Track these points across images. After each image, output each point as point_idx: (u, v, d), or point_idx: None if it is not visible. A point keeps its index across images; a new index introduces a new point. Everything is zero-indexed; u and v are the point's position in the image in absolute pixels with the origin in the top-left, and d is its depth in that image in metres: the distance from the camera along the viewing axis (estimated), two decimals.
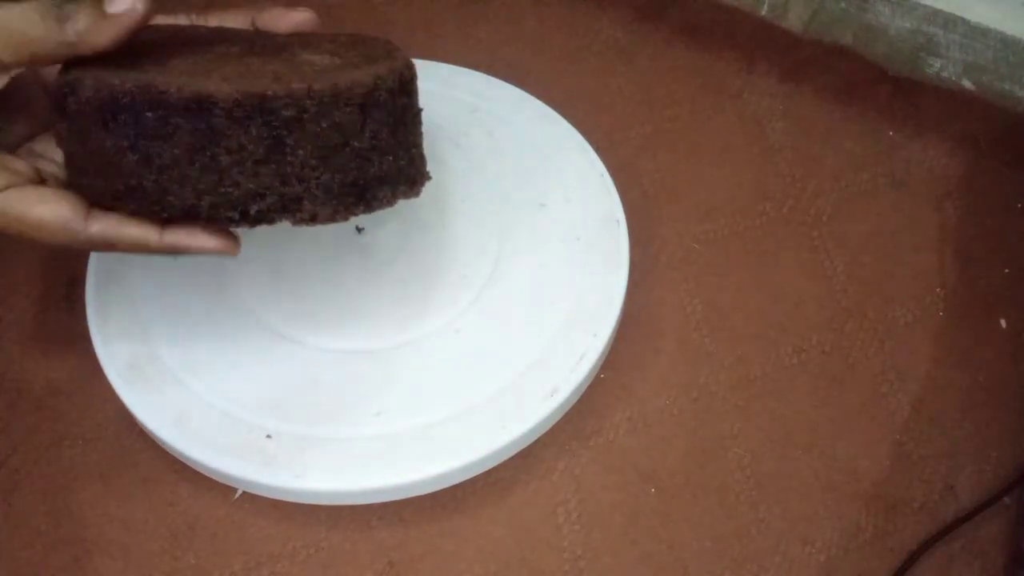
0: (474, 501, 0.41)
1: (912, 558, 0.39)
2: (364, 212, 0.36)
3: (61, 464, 0.42)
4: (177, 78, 0.33)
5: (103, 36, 0.32)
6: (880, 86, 0.55)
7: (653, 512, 0.41)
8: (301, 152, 0.33)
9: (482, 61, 0.54)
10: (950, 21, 0.53)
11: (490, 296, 0.45)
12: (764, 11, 0.58)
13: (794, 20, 0.57)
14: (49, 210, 0.33)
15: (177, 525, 0.40)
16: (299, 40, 0.39)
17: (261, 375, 0.42)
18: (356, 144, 0.34)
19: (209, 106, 0.32)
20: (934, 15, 0.53)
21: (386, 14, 0.61)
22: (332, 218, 0.35)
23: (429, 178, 0.39)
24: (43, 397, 0.44)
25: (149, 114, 0.32)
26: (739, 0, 0.58)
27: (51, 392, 0.44)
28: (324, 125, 0.33)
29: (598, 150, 0.50)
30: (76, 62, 0.33)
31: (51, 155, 0.37)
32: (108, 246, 0.35)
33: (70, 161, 0.35)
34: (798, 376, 0.45)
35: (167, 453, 0.41)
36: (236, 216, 0.34)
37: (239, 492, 0.41)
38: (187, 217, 0.34)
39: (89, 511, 0.41)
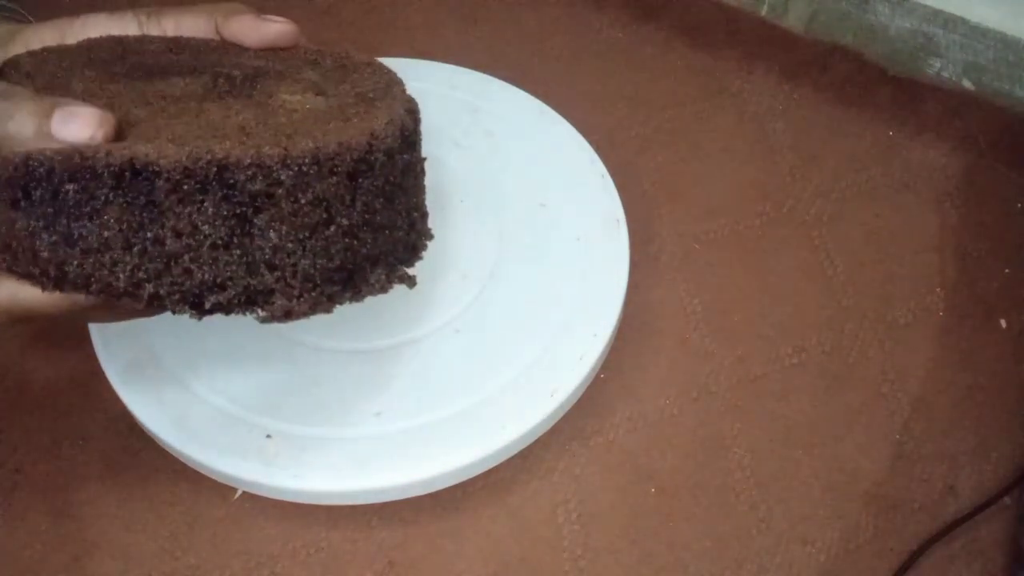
0: (474, 501, 0.41)
1: (912, 558, 0.39)
2: (351, 301, 0.30)
3: (61, 464, 0.42)
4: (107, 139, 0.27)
5: (34, 150, 0.26)
6: (880, 86, 0.55)
7: (653, 512, 0.41)
8: (273, 234, 0.27)
9: (482, 61, 0.54)
10: (950, 21, 0.53)
11: (490, 296, 0.45)
12: (764, 11, 0.58)
13: (794, 20, 0.57)
14: None
15: (177, 525, 0.40)
16: (277, 63, 0.33)
17: (261, 375, 0.42)
18: (343, 221, 0.28)
19: (149, 176, 0.26)
20: (934, 15, 0.53)
21: (386, 14, 0.61)
22: (311, 311, 0.29)
23: (431, 237, 0.33)
24: (43, 397, 0.44)
25: (70, 187, 0.26)
26: (739, 0, 0.58)
27: (51, 392, 0.44)
28: (303, 201, 0.27)
29: (598, 150, 0.50)
30: None
31: None
32: (20, 315, 0.28)
33: None
34: (798, 376, 0.45)
35: (167, 453, 0.41)
36: (185, 309, 0.28)
37: (239, 492, 0.41)
38: (123, 299, 0.28)
39: (89, 511, 0.41)
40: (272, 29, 0.33)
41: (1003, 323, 0.46)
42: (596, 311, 0.44)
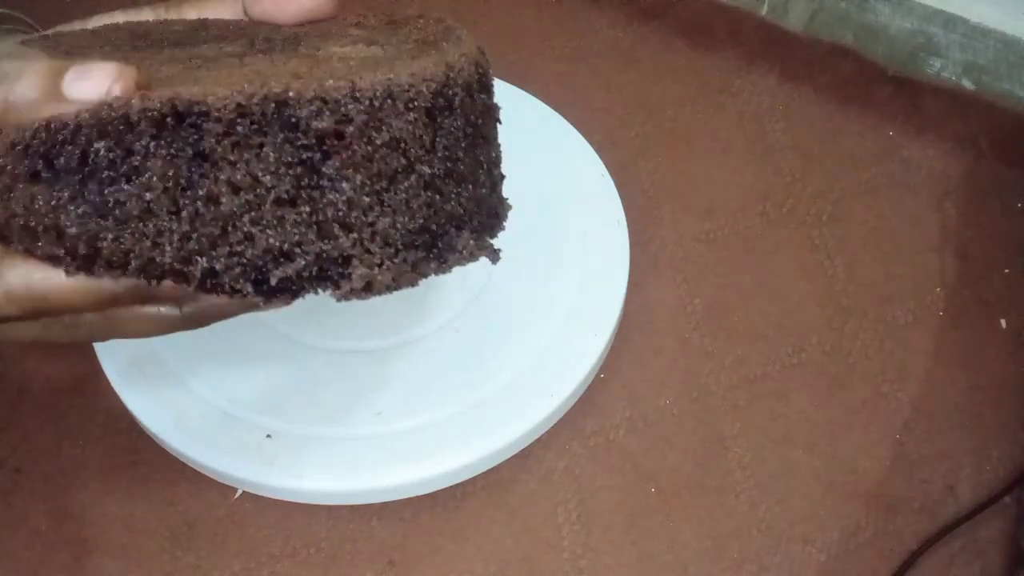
0: (474, 501, 0.41)
1: (912, 558, 0.39)
2: (436, 272, 0.26)
3: (61, 464, 0.42)
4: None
5: (43, 116, 0.23)
6: (880, 86, 0.55)
7: (653, 512, 0.41)
8: (346, 185, 0.23)
9: None
10: (950, 21, 0.53)
11: (490, 296, 0.45)
12: (764, 11, 0.58)
13: (794, 20, 0.57)
14: None
15: (177, 525, 0.40)
16: (316, 31, 0.29)
17: (261, 375, 0.42)
18: (424, 170, 0.24)
19: (196, 120, 0.22)
20: (934, 15, 0.53)
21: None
22: (394, 284, 0.25)
23: (510, 207, 0.30)
24: (43, 397, 0.44)
25: (100, 145, 0.22)
26: (739, 0, 0.58)
27: (51, 392, 0.44)
28: (377, 142, 0.23)
29: (598, 150, 0.50)
30: None
31: None
32: (36, 304, 0.24)
33: None
34: (798, 376, 0.45)
35: (167, 453, 0.41)
36: (248, 288, 0.24)
37: (239, 492, 0.41)
38: (167, 280, 0.24)
39: (89, 511, 0.41)
40: (307, 1, 0.29)
41: (1003, 323, 0.46)
42: (596, 311, 0.44)
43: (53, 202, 0.23)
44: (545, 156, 0.50)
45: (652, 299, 0.47)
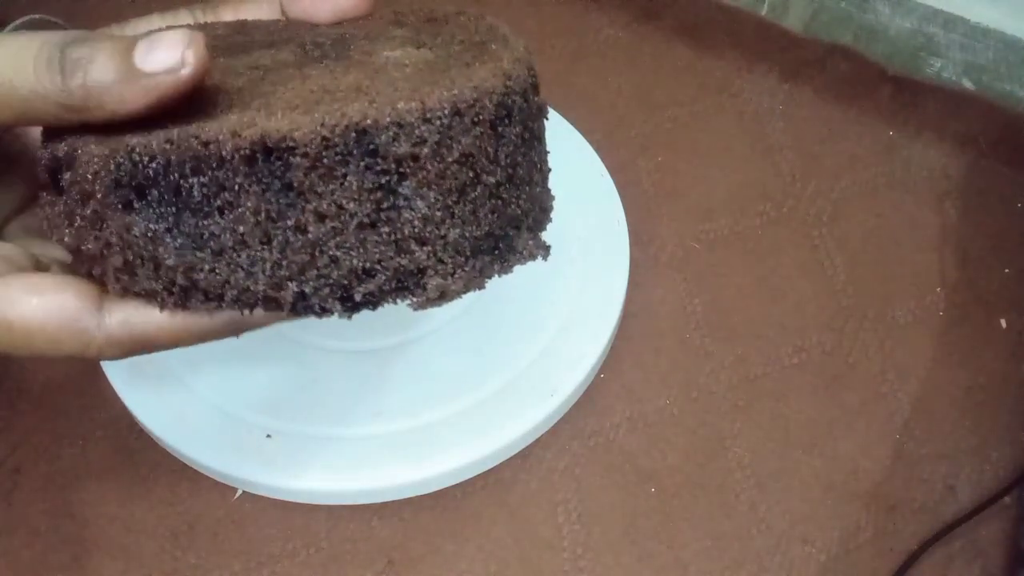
0: (474, 501, 0.41)
1: (912, 558, 0.39)
2: (500, 274, 0.27)
3: (61, 464, 0.42)
4: (222, 118, 0.23)
5: (127, 100, 0.23)
6: (880, 86, 0.55)
7: (653, 512, 0.41)
8: (421, 203, 0.24)
9: None
10: (950, 21, 0.53)
11: (490, 296, 0.45)
12: (764, 11, 0.58)
13: (794, 20, 0.57)
14: (45, 304, 0.23)
15: (177, 525, 0.40)
16: (359, 31, 0.30)
17: (261, 375, 0.42)
18: (489, 180, 0.25)
19: (284, 154, 0.22)
20: (934, 15, 0.53)
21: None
22: (465, 289, 0.26)
23: (554, 197, 0.31)
24: (43, 397, 0.44)
25: (195, 180, 0.23)
26: (739, 0, 0.58)
27: (51, 392, 0.44)
28: (449, 160, 0.24)
29: (598, 150, 0.50)
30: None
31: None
32: (136, 346, 0.25)
33: (76, 255, 0.25)
34: (798, 376, 0.45)
35: (167, 453, 0.41)
36: (337, 306, 0.24)
37: (239, 492, 0.41)
38: (261, 307, 0.25)
39: (89, 511, 0.41)
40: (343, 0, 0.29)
41: (1003, 323, 0.46)
42: (596, 311, 0.44)
43: (149, 234, 0.23)
44: None
45: (652, 299, 0.47)
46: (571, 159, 0.50)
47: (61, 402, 0.44)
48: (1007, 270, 0.48)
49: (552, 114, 0.52)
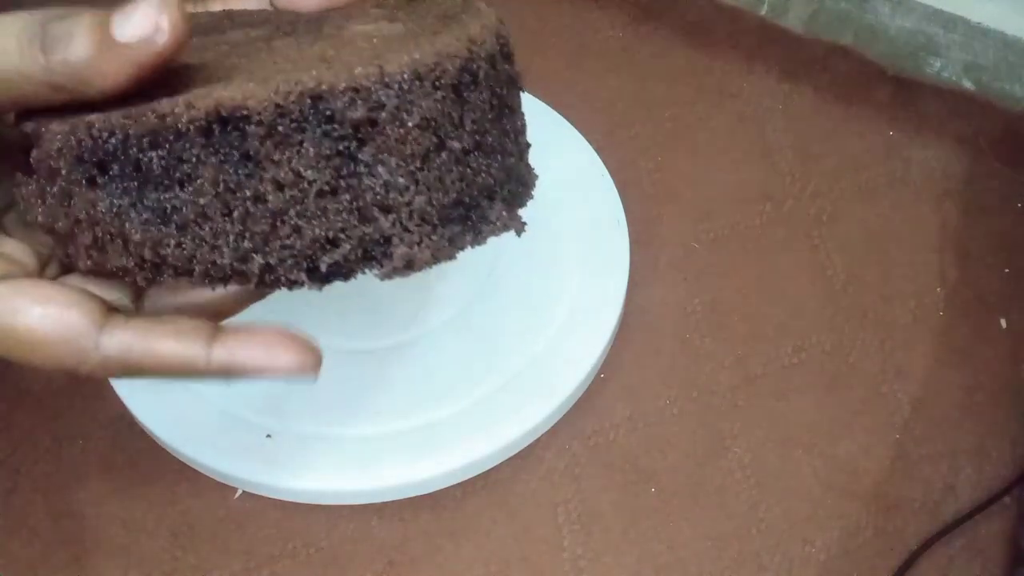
0: (474, 501, 0.41)
1: (912, 558, 0.39)
2: (472, 244, 0.26)
3: (61, 464, 0.42)
4: (181, 92, 0.23)
5: (108, 74, 0.22)
6: (880, 86, 0.55)
7: (653, 512, 0.41)
8: (382, 169, 0.24)
9: None
10: (950, 21, 0.53)
11: (490, 296, 0.45)
12: (764, 11, 0.58)
13: (794, 20, 0.57)
14: (50, 317, 0.23)
15: (177, 525, 0.40)
16: (337, 13, 0.30)
17: None
18: (455, 145, 0.25)
19: (239, 124, 0.23)
20: (934, 15, 0.53)
21: None
22: (434, 259, 0.25)
23: (536, 176, 0.31)
24: (43, 397, 0.44)
25: (153, 154, 0.23)
26: (739, 0, 0.58)
27: (51, 392, 0.44)
28: (409, 124, 0.24)
29: (598, 150, 0.50)
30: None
31: None
32: (129, 373, 0.24)
33: (51, 235, 0.25)
34: (798, 376, 0.45)
35: (167, 453, 0.41)
36: (303, 277, 0.25)
37: (239, 492, 0.41)
38: (231, 282, 0.25)
39: (89, 511, 0.41)
40: None
41: (1003, 323, 0.46)
42: (596, 311, 0.44)
43: (115, 209, 0.24)
44: (545, 156, 0.50)
45: (652, 299, 0.47)
46: (571, 159, 0.50)
47: (61, 402, 0.44)
48: (1007, 270, 0.48)
49: (552, 114, 0.52)
